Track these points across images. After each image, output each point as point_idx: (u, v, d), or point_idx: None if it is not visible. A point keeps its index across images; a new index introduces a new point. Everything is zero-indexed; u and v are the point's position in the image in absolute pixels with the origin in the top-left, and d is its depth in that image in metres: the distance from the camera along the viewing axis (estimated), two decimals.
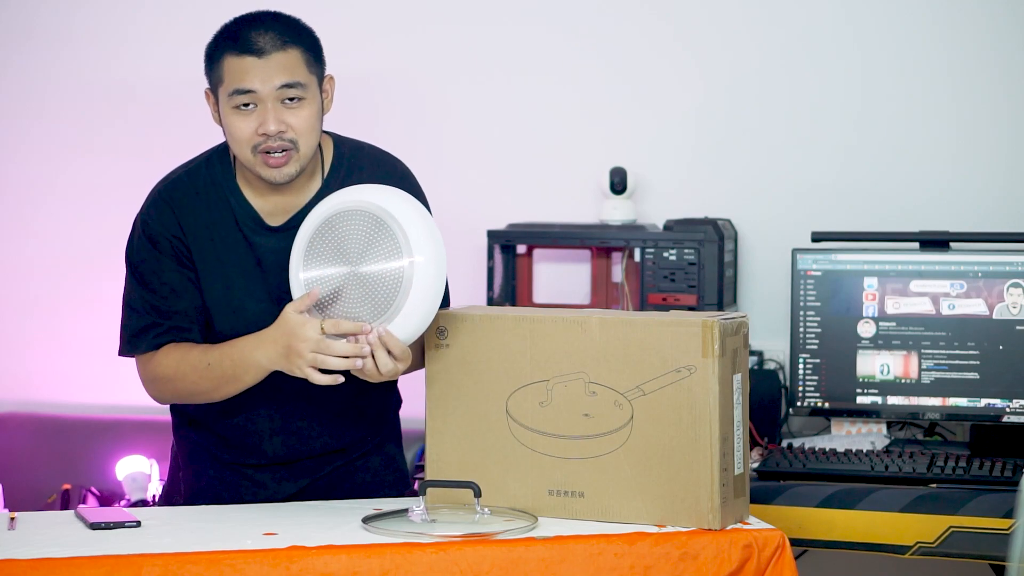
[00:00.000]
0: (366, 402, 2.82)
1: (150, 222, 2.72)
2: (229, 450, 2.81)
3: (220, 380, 2.66)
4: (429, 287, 2.53)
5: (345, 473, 2.84)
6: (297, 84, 2.62)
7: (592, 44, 3.94)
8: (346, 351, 2.52)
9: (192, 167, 2.77)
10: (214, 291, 2.71)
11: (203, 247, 2.71)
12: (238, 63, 2.61)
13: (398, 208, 2.55)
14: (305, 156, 2.66)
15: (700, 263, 3.62)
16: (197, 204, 2.72)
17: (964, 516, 2.99)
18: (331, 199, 2.60)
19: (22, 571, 2.28)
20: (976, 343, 3.38)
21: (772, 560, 2.49)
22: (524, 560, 2.41)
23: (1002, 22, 3.69)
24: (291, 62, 2.62)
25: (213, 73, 2.66)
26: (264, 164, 2.64)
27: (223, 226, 2.72)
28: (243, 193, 2.73)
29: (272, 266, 2.70)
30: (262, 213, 2.72)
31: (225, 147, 2.76)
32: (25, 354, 4.29)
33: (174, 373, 2.70)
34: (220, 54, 2.64)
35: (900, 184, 3.74)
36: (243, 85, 2.61)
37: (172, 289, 2.71)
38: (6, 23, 4.27)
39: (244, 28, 2.63)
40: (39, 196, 4.28)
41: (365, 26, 4.05)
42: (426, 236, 2.54)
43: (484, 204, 3.94)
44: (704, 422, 2.50)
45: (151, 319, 2.71)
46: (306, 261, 2.57)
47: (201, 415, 2.81)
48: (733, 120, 3.85)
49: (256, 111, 2.62)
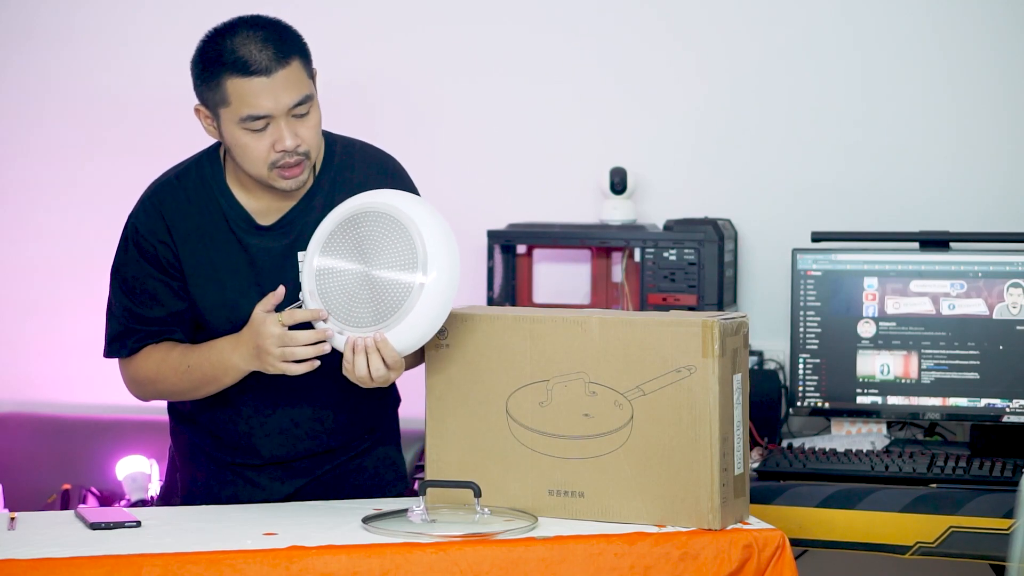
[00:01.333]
0: (362, 402, 2.82)
1: (139, 227, 2.72)
2: (225, 450, 2.81)
3: (199, 382, 2.68)
4: (435, 306, 2.53)
5: (342, 474, 2.84)
6: (307, 99, 2.62)
7: (592, 44, 3.94)
8: (311, 338, 2.54)
9: (182, 169, 2.77)
10: (207, 292, 2.71)
11: (194, 250, 2.71)
12: (245, 85, 2.57)
13: (424, 222, 2.55)
14: (313, 160, 2.68)
15: (700, 263, 3.62)
16: (187, 207, 2.72)
17: (964, 516, 2.99)
18: (363, 197, 2.61)
19: (22, 571, 2.28)
20: (976, 343, 3.38)
21: (772, 560, 2.49)
22: (524, 560, 2.41)
23: (1002, 22, 3.69)
24: (295, 75, 2.60)
25: (211, 92, 2.61)
26: (280, 177, 2.64)
27: (214, 227, 2.72)
28: (233, 194, 2.73)
29: (265, 265, 2.70)
30: (253, 213, 2.72)
31: (215, 148, 2.76)
32: (25, 354, 4.29)
33: (155, 375, 2.72)
34: (218, 75, 2.59)
35: (900, 184, 3.74)
36: (257, 111, 2.58)
37: (152, 296, 2.71)
38: (6, 24, 4.27)
39: (239, 46, 2.58)
40: (39, 196, 4.28)
41: (365, 26, 4.05)
42: (444, 257, 2.54)
43: (484, 204, 3.94)
44: (704, 422, 2.50)
45: (128, 324, 2.73)
46: (324, 248, 2.58)
47: (197, 415, 2.81)
48: (733, 120, 3.85)
49: (269, 129, 2.60)
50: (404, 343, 2.54)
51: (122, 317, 2.73)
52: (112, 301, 2.76)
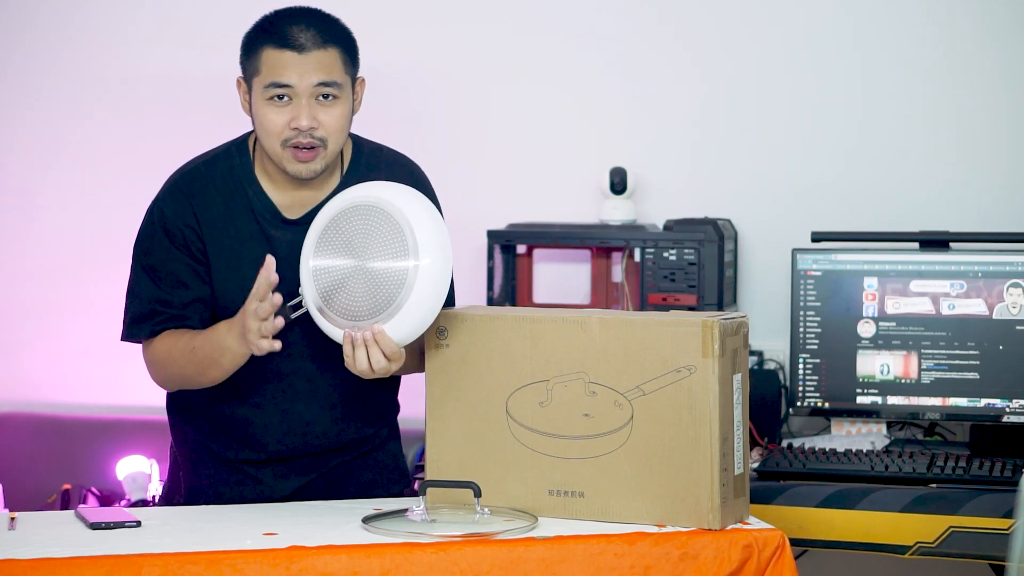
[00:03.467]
0: (369, 399, 2.82)
1: (165, 210, 2.73)
2: (229, 446, 2.80)
3: (203, 364, 2.67)
4: (431, 291, 2.53)
5: (346, 471, 2.85)
6: (333, 83, 2.66)
7: (592, 44, 3.94)
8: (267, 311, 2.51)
9: (210, 157, 2.78)
10: (228, 282, 2.72)
11: (218, 238, 2.72)
12: (277, 56, 2.64)
13: (411, 209, 2.55)
14: (331, 154, 2.69)
15: (700, 263, 3.62)
16: (214, 195, 2.73)
17: (964, 516, 2.99)
18: (348, 192, 2.62)
19: (22, 571, 2.28)
20: (976, 343, 3.38)
21: (772, 560, 2.49)
22: (524, 560, 2.41)
23: (1002, 22, 3.69)
24: (329, 60, 2.66)
25: (249, 63, 2.68)
26: (293, 158, 2.66)
27: (240, 218, 2.73)
28: (261, 185, 2.74)
29: (287, 259, 2.69)
30: (280, 206, 2.74)
31: (244, 139, 2.77)
32: (25, 354, 4.28)
33: (166, 358, 2.72)
34: (258, 45, 2.66)
35: (900, 184, 3.74)
36: (280, 79, 2.63)
37: (178, 279, 2.72)
38: (6, 23, 4.27)
39: (286, 23, 2.66)
40: (39, 196, 4.28)
41: (365, 26, 4.02)
42: (435, 241, 2.54)
43: (484, 204, 3.94)
44: (704, 422, 2.50)
45: (152, 307, 2.72)
46: (317, 250, 2.58)
47: (205, 408, 2.81)
48: (733, 120, 3.85)
49: (290, 105, 2.65)
50: (402, 332, 2.54)
51: (144, 299, 2.73)
52: (136, 282, 2.75)
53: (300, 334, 2.71)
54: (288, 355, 2.68)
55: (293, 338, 2.69)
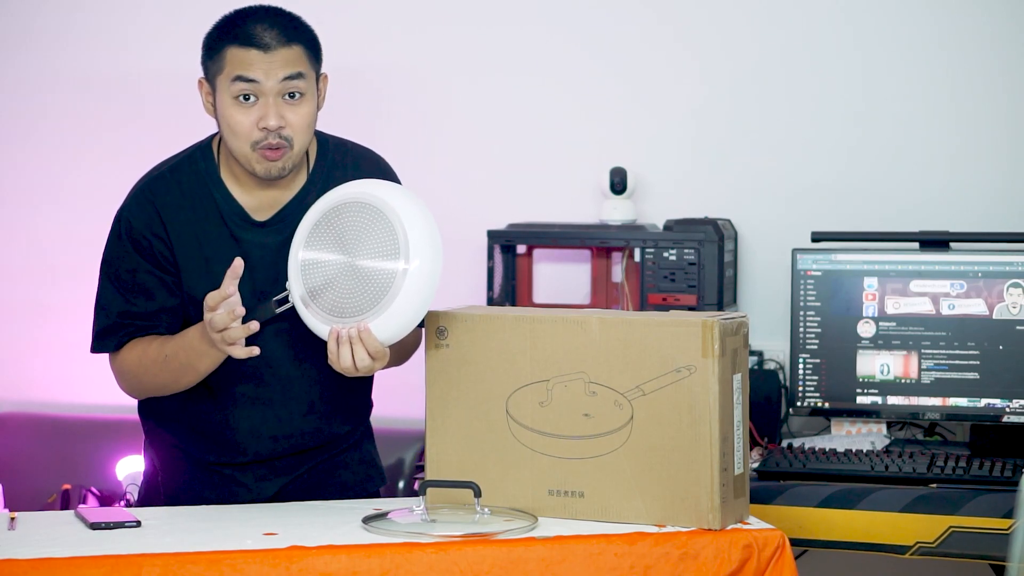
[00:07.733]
0: (345, 398, 2.81)
1: (132, 220, 2.72)
2: (209, 449, 2.79)
3: (178, 371, 2.66)
4: (419, 293, 2.53)
5: (325, 471, 2.84)
6: (299, 75, 2.64)
7: (592, 44, 3.94)
8: (225, 321, 2.50)
9: (175, 163, 2.76)
10: (199, 287, 2.70)
11: (187, 243, 2.71)
12: (242, 54, 2.62)
13: (405, 209, 2.55)
14: (297, 154, 2.68)
15: (700, 263, 3.62)
16: (181, 200, 2.72)
17: (964, 516, 2.99)
18: (342, 188, 2.62)
19: (22, 571, 2.28)
20: (976, 343, 3.38)
21: (772, 560, 2.49)
22: (524, 560, 2.41)
23: (1002, 22, 3.69)
24: (294, 57, 2.64)
25: (213, 63, 2.67)
26: (262, 159, 2.65)
27: (208, 222, 2.72)
28: (228, 188, 2.73)
29: (258, 261, 2.69)
30: (247, 208, 2.73)
31: (208, 142, 2.76)
32: (25, 354, 4.28)
33: (137, 367, 2.71)
34: (222, 45, 2.65)
35: (900, 184, 3.74)
36: (246, 73, 2.62)
37: (145, 290, 2.71)
38: (6, 23, 4.27)
39: (248, 22, 2.64)
40: (39, 196, 4.28)
41: (365, 26, 4.05)
42: (426, 243, 2.53)
43: (484, 204, 3.94)
44: (704, 422, 2.50)
45: (119, 319, 2.72)
46: (308, 242, 2.58)
47: (181, 411, 2.79)
48: (733, 120, 3.85)
49: (257, 104, 2.63)
50: (388, 332, 2.54)
51: (111, 310, 2.72)
52: (103, 294, 2.74)
53: (274, 333, 2.70)
54: (263, 356, 2.64)
55: (268, 337, 2.68)
